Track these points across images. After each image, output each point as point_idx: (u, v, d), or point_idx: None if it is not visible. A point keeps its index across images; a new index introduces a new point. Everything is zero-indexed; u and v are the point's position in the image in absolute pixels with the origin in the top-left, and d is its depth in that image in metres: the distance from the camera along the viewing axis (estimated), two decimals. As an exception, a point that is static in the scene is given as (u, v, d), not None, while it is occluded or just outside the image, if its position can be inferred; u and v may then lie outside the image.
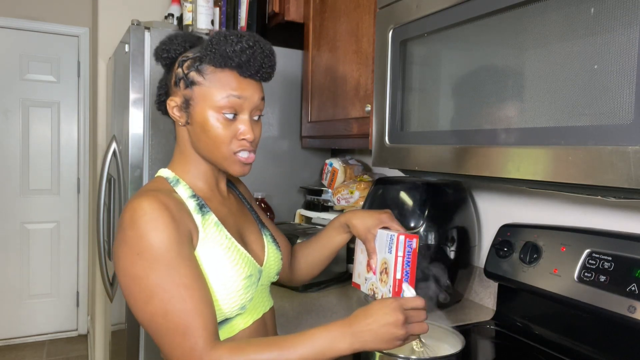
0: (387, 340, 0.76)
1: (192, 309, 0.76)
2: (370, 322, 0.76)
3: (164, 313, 0.75)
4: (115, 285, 1.90)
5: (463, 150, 0.91)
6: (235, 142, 0.87)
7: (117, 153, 1.77)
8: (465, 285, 1.38)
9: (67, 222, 3.46)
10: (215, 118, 0.85)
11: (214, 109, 0.84)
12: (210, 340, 0.76)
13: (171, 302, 0.75)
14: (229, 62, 0.84)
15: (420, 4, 1.00)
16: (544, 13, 0.76)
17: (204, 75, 0.85)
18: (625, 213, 1.06)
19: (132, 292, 0.77)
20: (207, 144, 0.87)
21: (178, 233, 0.78)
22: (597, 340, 1.00)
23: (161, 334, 0.76)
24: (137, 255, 0.76)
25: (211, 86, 0.84)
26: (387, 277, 1.03)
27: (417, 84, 1.05)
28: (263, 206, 1.78)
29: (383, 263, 1.06)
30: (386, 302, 0.78)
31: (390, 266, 0.99)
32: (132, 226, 0.77)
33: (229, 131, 0.86)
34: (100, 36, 2.50)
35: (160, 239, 0.76)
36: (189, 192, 0.88)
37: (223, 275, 0.84)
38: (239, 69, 0.85)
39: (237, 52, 0.83)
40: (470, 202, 1.39)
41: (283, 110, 1.86)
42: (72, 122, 3.42)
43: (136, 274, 0.76)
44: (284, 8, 1.82)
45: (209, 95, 0.84)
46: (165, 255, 0.76)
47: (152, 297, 0.75)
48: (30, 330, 3.40)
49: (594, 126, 0.68)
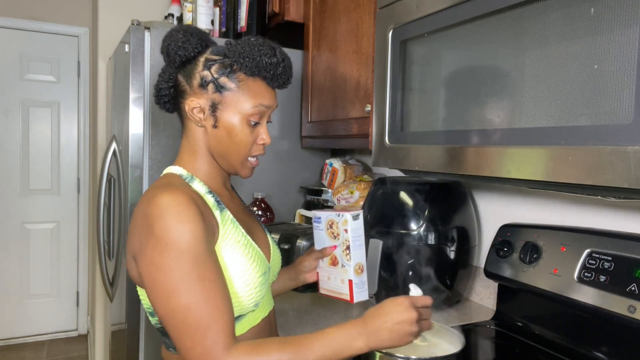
0: (402, 337, 0.78)
1: (215, 306, 0.76)
2: (386, 321, 0.78)
3: (187, 308, 0.74)
4: (115, 285, 1.90)
5: (463, 150, 0.91)
6: (255, 147, 0.92)
7: (117, 153, 1.77)
8: (465, 285, 1.38)
9: (67, 222, 3.46)
10: (243, 124, 0.88)
11: (243, 116, 0.88)
12: (230, 339, 0.76)
13: (196, 296, 0.75)
14: (263, 72, 0.88)
15: (420, 4, 1.00)
16: (544, 13, 0.76)
17: (236, 81, 0.87)
18: (625, 213, 1.06)
19: (156, 283, 0.76)
20: (230, 148, 0.89)
21: (205, 227, 0.79)
22: (597, 340, 1.00)
23: (182, 330, 0.75)
24: (166, 246, 0.75)
25: (243, 94, 0.88)
26: (341, 256, 1.12)
27: (417, 84, 1.05)
28: (263, 206, 1.78)
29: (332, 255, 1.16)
30: (399, 301, 0.80)
31: (339, 245, 1.11)
32: (161, 218, 0.76)
33: (252, 137, 0.90)
34: (100, 36, 2.49)
35: (189, 231, 0.76)
36: (205, 188, 0.89)
37: (244, 271, 0.85)
38: (270, 80, 0.89)
39: (273, 65, 0.87)
40: (470, 202, 1.39)
41: (283, 110, 1.86)
42: (72, 122, 3.42)
43: (163, 265, 0.75)
44: (284, 8, 1.82)
45: (240, 102, 0.87)
46: (193, 249, 0.76)
47: (176, 290, 0.75)
48: (30, 330, 3.40)
49: (594, 126, 0.68)
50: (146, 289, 0.79)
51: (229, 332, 0.76)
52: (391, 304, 0.80)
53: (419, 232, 1.26)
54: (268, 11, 1.93)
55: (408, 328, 0.78)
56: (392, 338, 0.78)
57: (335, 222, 1.19)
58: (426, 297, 0.84)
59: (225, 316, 0.76)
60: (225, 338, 0.75)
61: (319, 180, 1.94)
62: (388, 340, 0.78)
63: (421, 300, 0.82)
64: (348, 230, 1.13)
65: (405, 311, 0.78)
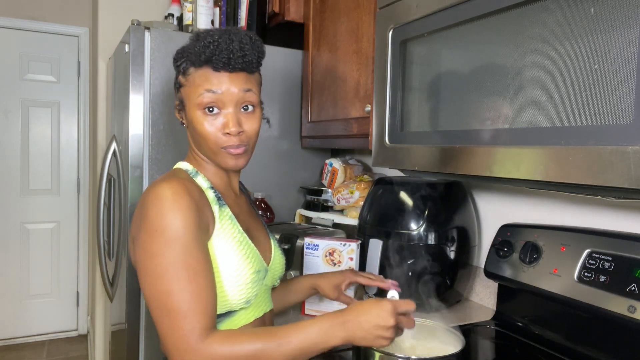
0: (374, 339, 0.79)
1: (196, 295, 0.77)
2: (363, 320, 0.79)
3: (169, 292, 0.77)
4: (115, 285, 1.90)
5: (463, 150, 0.91)
6: (221, 137, 0.89)
7: (117, 153, 1.77)
8: (465, 285, 1.38)
9: (67, 222, 3.46)
10: (199, 115, 0.88)
11: (196, 107, 0.88)
12: (207, 327, 0.77)
13: (179, 283, 0.77)
14: (200, 58, 0.87)
15: (420, 4, 1.00)
16: (544, 13, 0.76)
17: (186, 76, 0.90)
18: (625, 213, 1.06)
19: (146, 268, 0.79)
20: (199, 141, 0.91)
21: (198, 218, 0.82)
22: (597, 340, 1.00)
23: (162, 313, 0.77)
24: (156, 232, 0.79)
25: (190, 86, 0.89)
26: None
27: (417, 84, 1.05)
28: (263, 206, 1.78)
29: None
30: (382, 304, 0.80)
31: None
32: (155, 205, 0.80)
33: (214, 127, 0.88)
34: (100, 36, 2.49)
35: (180, 219, 0.79)
36: (208, 183, 0.92)
37: (235, 267, 0.87)
38: (211, 64, 0.87)
39: (202, 48, 0.86)
40: (470, 202, 1.39)
41: (283, 110, 1.86)
42: (72, 122, 3.42)
43: (153, 251, 0.78)
44: (284, 8, 1.82)
45: (190, 95, 0.89)
46: (183, 237, 0.79)
47: (162, 275, 0.77)
48: (30, 330, 3.40)
49: (594, 126, 0.68)
50: (137, 272, 0.82)
51: (207, 322, 0.77)
52: (374, 306, 0.80)
53: (419, 232, 1.26)
54: (268, 11, 1.93)
55: (383, 333, 0.79)
56: (365, 338, 0.79)
57: (337, 250, 1.21)
58: (409, 302, 0.84)
59: (206, 306, 0.78)
60: (202, 326, 0.76)
61: (319, 180, 1.94)
62: (361, 339, 0.79)
63: (404, 305, 0.82)
64: (354, 258, 1.18)
65: (385, 316, 0.79)
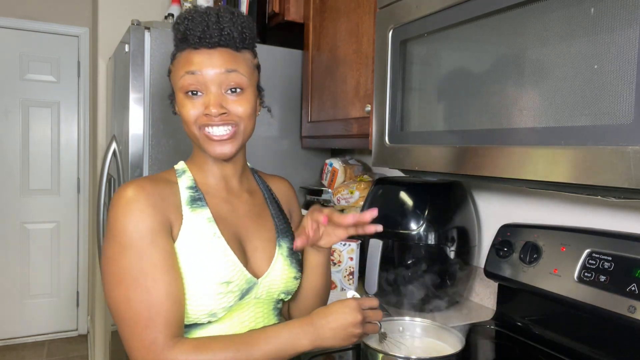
0: (345, 338, 0.79)
1: (156, 302, 0.74)
2: (331, 321, 0.79)
3: (127, 300, 0.75)
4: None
5: (463, 150, 0.91)
6: (202, 118, 0.83)
7: (117, 153, 1.77)
8: (465, 285, 1.38)
9: (67, 222, 3.46)
10: (181, 98, 0.85)
11: (180, 91, 0.85)
12: (172, 336, 0.75)
13: (136, 291, 0.74)
14: (177, 37, 0.86)
15: (420, 4, 1.00)
16: (544, 13, 0.76)
17: (173, 62, 0.88)
18: (625, 213, 1.06)
19: (106, 274, 0.78)
20: (185, 128, 0.88)
21: (155, 221, 0.78)
22: (597, 340, 1.00)
23: (123, 323, 0.75)
24: (113, 237, 0.77)
25: (175, 70, 0.87)
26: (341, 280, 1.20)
27: (417, 84, 1.05)
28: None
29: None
30: (346, 302, 0.81)
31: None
32: (112, 209, 0.78)
33: (196, 110, 0.84)
34: (100, 36, 2.50)
35: (134, 224, 0.76)
36: (190, 183, 0.88)
37: (195, 274, 0.80)
38: (188, 44, 0.84)
39: (179, 25, 0.85)
40: (470, 202, 1.39)
41: (283, 110, 1.86)
42: (72, 122, 3.42)
43: (109, 256, 0.77)
44: (283, 8, 1.82)
45: (175, 80, 0.87)
46: (137, 242, 0.76)
47: (119, 282, 0.76)
48: (30, 330, 3.40)
49: (594, 126, 0.68)
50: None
51: (171, 331, 0.75)
52: (338, 305, 0.80)
53: (419, 232, 1.26)
54: (268, 11, 1.93)
55: (352, 330, 0.79)
56: (335, 337, 0.79)
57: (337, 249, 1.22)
58: (373, 298, 0.85)
59: (168, 315, 0.75)
60: (166, 336, 0.74)
61: (319, 180, 1.94)
62: (331, 339, 0.79)
63: (368, 302, 0.83)
64: (354, 258, 1.17)
65: (350, 313, 0.79)
